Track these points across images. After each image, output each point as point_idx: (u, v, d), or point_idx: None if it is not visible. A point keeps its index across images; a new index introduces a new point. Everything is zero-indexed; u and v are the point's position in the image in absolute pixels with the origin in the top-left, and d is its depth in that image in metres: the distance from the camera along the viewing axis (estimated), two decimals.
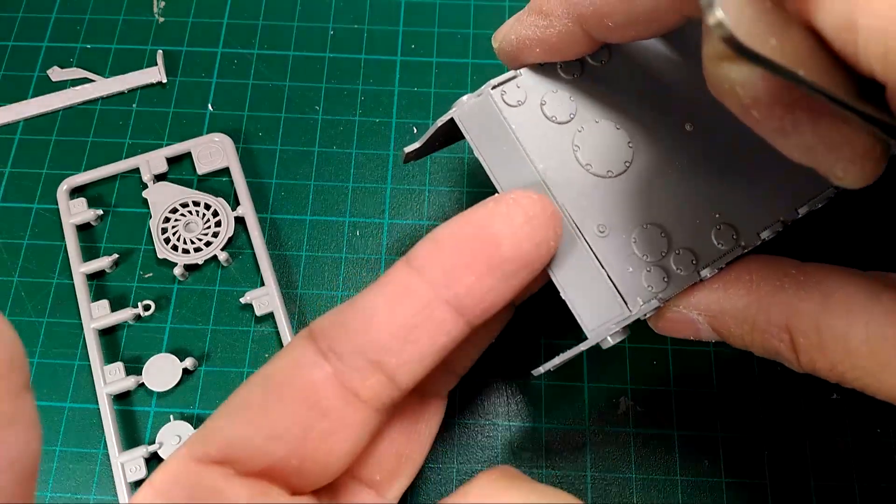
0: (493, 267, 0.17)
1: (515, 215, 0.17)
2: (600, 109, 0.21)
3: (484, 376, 0.27)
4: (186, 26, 0.33)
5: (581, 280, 0.19)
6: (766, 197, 0.20)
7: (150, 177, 0.29)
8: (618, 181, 0.20)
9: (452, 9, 0.33)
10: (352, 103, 0.32)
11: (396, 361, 0.17)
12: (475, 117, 0.20)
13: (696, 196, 0.20)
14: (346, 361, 0.17)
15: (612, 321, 0.19)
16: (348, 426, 0.17)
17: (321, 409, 0.17)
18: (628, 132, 0.21)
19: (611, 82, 0.21)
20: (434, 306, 0.17)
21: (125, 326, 0.28)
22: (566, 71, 0.21)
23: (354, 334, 0.17)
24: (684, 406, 0.27)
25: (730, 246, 0.20)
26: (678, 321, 0.20)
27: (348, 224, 0.30)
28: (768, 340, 0.18)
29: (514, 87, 0.21)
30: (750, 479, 0.26)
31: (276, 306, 0.27)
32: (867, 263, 0.18)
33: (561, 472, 0.26)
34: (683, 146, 0.21)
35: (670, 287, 0.19)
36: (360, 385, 0.17)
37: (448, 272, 0.17)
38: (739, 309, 0.19)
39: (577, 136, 0.20)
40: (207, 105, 0.32)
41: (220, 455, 0.17)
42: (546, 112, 0.21)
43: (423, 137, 0.22)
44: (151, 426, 0.27)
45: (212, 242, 0.29)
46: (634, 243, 0.20)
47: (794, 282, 0.18)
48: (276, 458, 0.17)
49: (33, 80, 0.32)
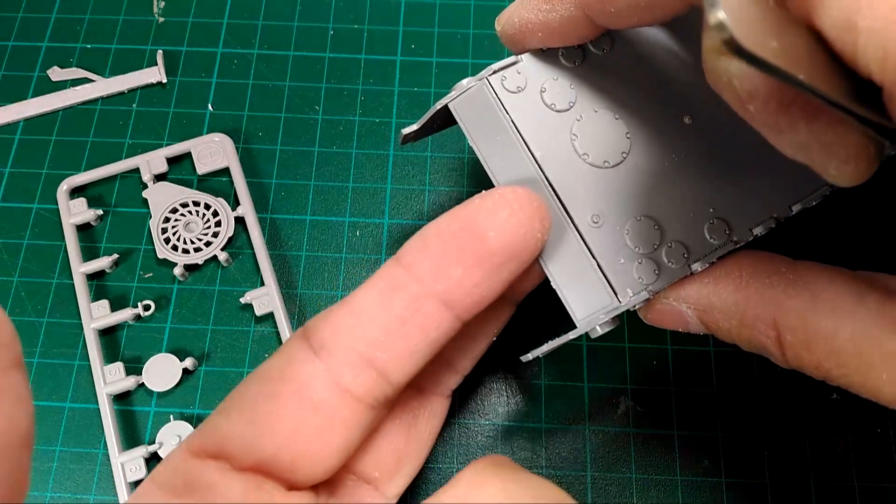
0: (480, 260, 0.17)
1: (500, 209, 0.18)
2: (600, 98, 0.21)
3: (484, 376, 0.27)
4: (186, 26, 0.33)
5: (572, 270, 0.19)
6: (761, 193, 0.20)
7: (150, 177, 0.29)
8: (614, 172, 0.20)
9: (452, 9, 0.33)
10: (352, 103, 0.32)
11: (387, 357, 0.17)
12: (470, 106, 0.20)
13: (691, 190, 0.20)
14: (338, 358, 0.17)
15: (602, 311, 0.19)
16: (340, 422, 0.17)
17: (313, 404, 0.17)
18: (627, 122, 0.21)
19: (612, 71, 0.21)
20: (423, 301, 0.17)
21: (125, 326, 0.28)
22: (567, 58, 0.21)
23: (345, 331, 0.17)
24: (684, 406, 0.27)
25: (722, 240, 0.20)
26: (668, 313, 0.20)
27: (348, 224, 0.30)
28: (755, 336, 0.18)
29: (515, 72, 0.20)
30: (750, 479, 0.26)
31: (276, 306, 0.27)
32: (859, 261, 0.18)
33: (561, 472, 0.26)
34: (681, 139, 0.21)
35: (661, 279, 0.20)
36: (351, 381, 0.17)
37: (436, 267, 0.17)
38: (728, 304, 0.19)
39: (575, 124, 0.20)
40: (207, 105, 0.32)
41: (216, 449, 0.17)
42: (545, 99, 0.20)
43: (421, 120, 0.22)
44: (151, 426, 0.27)
45: (212, 242, 0.29)
46: (627, 235, 0.20)
47: (784, 280, 0.18)
48: (267, 453, 0.17)
49: (33, 80, 0.32)
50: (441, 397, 0.22)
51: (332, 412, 0.17)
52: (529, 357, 0.21)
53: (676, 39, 0.22)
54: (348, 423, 0.17)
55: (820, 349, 0.17)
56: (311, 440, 0.17)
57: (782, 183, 0.20)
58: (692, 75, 0.21)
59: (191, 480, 0.17)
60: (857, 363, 0.17)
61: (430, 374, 0.20)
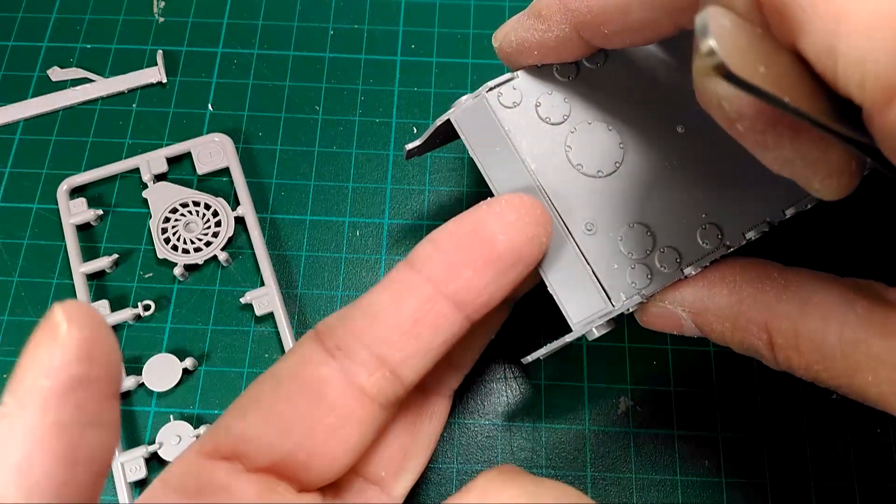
0: (489, 262, 0.18)
1: (508, 214, 0.18)
2: (594, 111, 0.22)
3: (484, 376, 0.27)
4: (186, 26, 0.33)
5: (567, 276, 0.20)
6: (754, 197, 0.21)
7: (150, 177, 0.29)
8: (607, 181, 0.21)
9: (452, 9, 0.33)
10: (352, 103, 0.32)
11: (400, 356, 0.18)
12: (470, 120, 0.21)
13: (684, 196, 0.21)
14: (352, 357, 0.18)
15: (596, 315, 0.20)
16: (355, 421, 0.18)
17: (328, 404, 0.18)
18: (620, 133, 0.21)
19: (605, 84, 0.22)
20: (435, 301, 0.18)
21: (125, 326, 0.28)
22: (562, 73, 0.22)
23: (359, 331, 0.18)
24: (684, 406, 0.27)
25: (714, 245, 0.20)
26: (662, 315, 0.21)
27: (348, 224, 0.30)
28: (748, 338, 0.19)
29: (511, 88, 0.21)
30: (750, 479, 0.26)
31: (276, 306, 0.27)
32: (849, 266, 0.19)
33: (561, 472, 0.26)
34: (674, 147, 0.21)
35: (653, 284, 0.20)
36: (365, 380, 0.18)
37: (447, 269, 0.18)
38: (722, 307, 0.19)
39: (569, 136, 0.21)
40: (207, 105, 0.32)
41: (229, 450, 0.17)
42: (540, 113, 0.21)
43: (423, 136, 0.23)
44: (151, 426, 0.27)
45: (212, 242, 0.29)
46: (621, 241, 0.20)
47: (776, 285, 0.19)
48: (283, 453, 0.17)
49: (33, 80, 0.32)
50: (443, 397, 0.22)
51: (347, 412, 0.18)
52: (529, 359, 0.21)
53: (669, 53, 0.22)
54: (362, 422, 0.18)
55: (809, 352, 0.18)
56: (326, 440, 0.17)
57: (775, 187, 0.21)
58: (685, 86, 0.22)
59: (203, 482, 0.17)
60: (844, 366, 0.17)
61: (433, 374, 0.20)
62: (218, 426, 0.18)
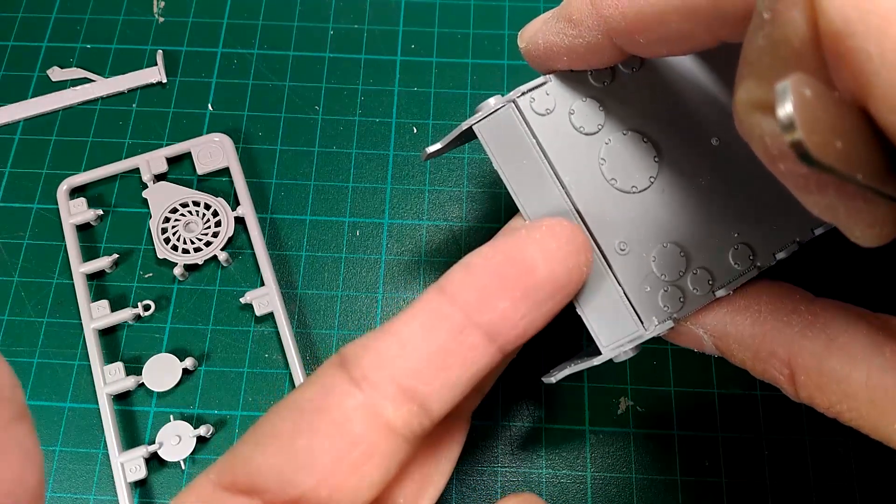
0: (527, 292, 0.17)
1: (548, 241, 0.17)
2: (629, 119, 0.20)
3: None
4: (186, 26, 0.33)
5: (598, 297, 0.19)
6: (784, 215, 0.20)
7: (150, 177, 0.29)
8: (641, 197, 0.20)
9: (452, 9, 0.33)
10: (352, 103, 0.32)
11: (429, 389, 0.17)
12: (496, 129, 0.20)
13: (717, 214, 0.20)
14: (379, 389, 0.17)
15: (627, 339, 0.19)
16: (379, 456, 0.17)
17: (352, 438, 0.16)
18: (655, 145, 0.20)
19: (641, 91, 0.20)
20: (468, 332, 0.17)
21: (125, 326, 0.28)
22: (597, 78, 0.20)
23: (387, 361, 0.17)
24: (684, 406, 0.27)
25: (746, 266, 0.20)
26: (685, 334, 0.20)
27: (348, 224, 0.30)
28: (769, 371, 0.19)
29: (544, 94, 0.20)
30: (750, 479, 0.26)
31: (276, 306, 0.27)
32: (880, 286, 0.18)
33: (561, 472, 0.26)
34: (708, 161, 0.20)
35: (686, 307, 0.19)
36: (392, 414, 0.17)
37: (482, 298, 0.17)
38: (745, 336, 0.19)
39: (603, 148, 0.20)
40: (207, 105, 0.32)
41: (248, 484, 0.16)
42: (574, 122, 0.20)
43: (444, 139, 0.21)
44: (151, 426, 0.27)
45: (212, 242, 0.29)
46: (654, 262, 0.20)
47: (802, 319, 0.18)
48: (305, 489, 0.16)
49: (33, 80, 0.32)
50: (463, 420, 0.21)
51: (372, 446, 0.17)
52: (552, 381, 0.21)
53: (703, 58, 0.21)
54: (386, 456, 0.17)
55: (833, 391, 0.17)
56: (349, 475, 0.16)
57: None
58: (721, 96, 0.21)
59: None
60: (868, 409, 0.17)
61: None
62: (235, 455, 0.17)
